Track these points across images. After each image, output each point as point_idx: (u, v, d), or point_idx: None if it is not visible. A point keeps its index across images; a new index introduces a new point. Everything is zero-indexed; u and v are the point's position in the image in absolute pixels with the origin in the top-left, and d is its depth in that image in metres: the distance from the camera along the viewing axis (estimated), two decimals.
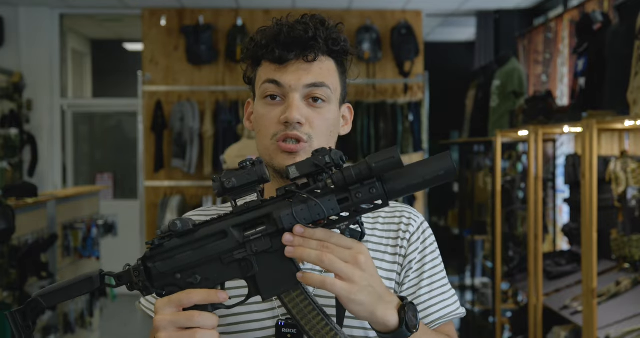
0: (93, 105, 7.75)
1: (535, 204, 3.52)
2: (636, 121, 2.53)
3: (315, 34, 1.11)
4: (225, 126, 6.14)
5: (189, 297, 0.93)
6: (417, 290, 1.17)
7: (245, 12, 6.44)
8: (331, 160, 0.93)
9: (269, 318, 1.11)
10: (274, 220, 0.94)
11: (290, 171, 0.94)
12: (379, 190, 0.92)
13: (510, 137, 4.23)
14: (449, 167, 0.92)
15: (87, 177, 7.63)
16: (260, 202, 0.97)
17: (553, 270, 3.63)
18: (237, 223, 0.97)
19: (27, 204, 3.75)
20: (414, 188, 0.93)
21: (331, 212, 0.93)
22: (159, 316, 0.93)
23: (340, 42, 1.13)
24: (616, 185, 3.15)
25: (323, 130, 1.13)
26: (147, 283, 0.98)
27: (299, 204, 0.94)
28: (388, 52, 6.47)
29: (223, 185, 0.95)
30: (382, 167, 0.91)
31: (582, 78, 3.30)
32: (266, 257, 0.96)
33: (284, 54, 1.10)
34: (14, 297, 3.57)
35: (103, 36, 8.24)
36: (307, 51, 1.11)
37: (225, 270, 0.97)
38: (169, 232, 0.97)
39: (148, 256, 0.98)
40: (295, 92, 1.11)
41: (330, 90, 1.13)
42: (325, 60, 1.13)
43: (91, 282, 0.99)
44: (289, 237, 0.93)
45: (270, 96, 1.13)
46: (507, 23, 6.40)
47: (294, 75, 1.11)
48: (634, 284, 2.96)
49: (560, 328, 3.31)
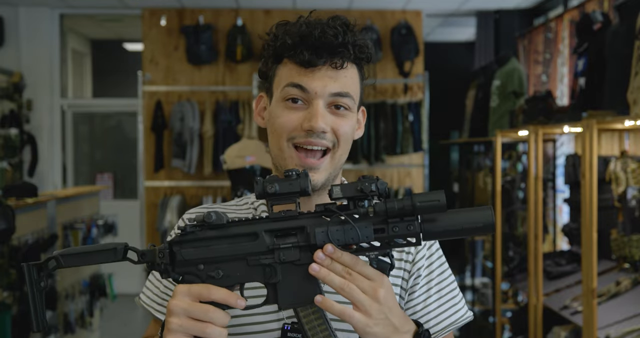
0: (93, 105, 7.75)
1: (535, 204, 3.52)
2: (636, 121, 2.53)
3: (345, 40, 1.07)
4: (225, 126, 6.14)
5: (210, 292, 0.93)
6: (427, 298, 1.17)
7: (245, 12, 6.44)
8: (376, 189, 0.93)
9: (273, 321, 1.11)
10: (307, 234, 0.95)
11: (333, 190, 0.94)
12: (415, 229, 0.93)
13: (510, 137, 4.23)
14: (488, 221, 0.92)
15: (87, 177, 7.63)
16: (297, 213, 0.97)
17: (553, 270, 3.63)
18: (270, 229, 0.97)
19: (27, 204, 3.75)
20: (449, 234, 0.93)
21: (365, 239, 0.93)
22: (175, 301, 0.93)
23: (367, 50, 1.11)
24: (616, 185, 3.15)
25: (347, 139, 1.12)
26: (169, 267, 0.98)
27: (335, 224, 0.94)
28: (388, 52, 6.47)
29: (265, 189, 0.96)
30: (425, 208, 0.91)
31: (582, 78, 3.30)
32: (291, 268, 0.96)
33: (313, 58, 1.06)
34: (14, 297, 3.57)
35: (103, 36, 8.24)
36: (336, 57, 1.08)
37: (249, 272, 0.97)
38: (202, 222, 0.97)
39: (176, 241, 0.98)
40: (320, 99, 1.08)
41: (354, 99, 1.11)
42: (350, 68, 1.11)
43: (114, 253, 0.99)
44: (321, 255, 0.93)
45: (292, 99, 1.10)
46: (507, 23, 6.40)
47: (320, 82, 1.08)
48: (634, 284, 2.96)
49: (560, 328, 3.31)
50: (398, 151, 6.23)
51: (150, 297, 1.20)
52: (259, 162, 3.81)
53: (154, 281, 1.21)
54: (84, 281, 4.73)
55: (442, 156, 7.55)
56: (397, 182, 6.52)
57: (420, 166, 6.52)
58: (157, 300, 1.19)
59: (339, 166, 1.14)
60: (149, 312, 1.20)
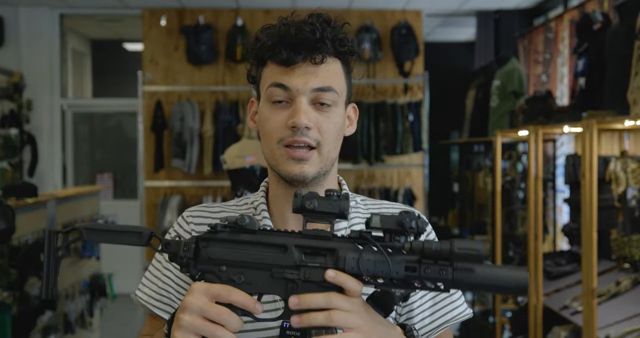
0: (93, 105, 7.75)
1: (535, 204, 3.52)
2: (636, 121, 2.53)
3: (323, 35, 1.08)
4: (225, 126, 6.14)
5: (229, 293, 0.92)
6: (423, 296, 1.17)
7: (245, 12, 6.44)
8: (416, 227, 0.92)
9: (272, 319, 1.11)
10: (337, 258, 0.93)
11: (372, 220, 0.93)
12: (447, 275, 0.90)
13: (510, 137, 4.23)
14: (521, 283, 0.89)
15: (87, 177, 7.63)
16: (331, 235, 0.96)
17: (553, 270, 3.63)
18: (301, 245, 0.96)
19: (27, 204, 3.75)
20: (479, 287, 0.91)
21: (395, 274, 0.91)
22: (191, 298, 0.92)
23: (348, 43, 1.11)
24: (616, 185, 3.15)
25: (332, 135, 1.12)
26: (191, 262, 0.96)
27: (368, 253, 0.93)
28: (388, 52, 6.47)
29: (303, 204, 0.95)
30: (462, 256, 0.89)
31: (582, 78, 3.30)
32: (313, 288, 0.94)
33: (291, 55, 1.07)
34: (14, 297, 3.57)
35: (103, 36, 8.24)
36: (315, 53, 1.08)
37: (271, 284, 0.96)
38: (235, 224, 0.96)
39: (204, 237, 0.97)
40: (303, 95, 1.09)
41: (337, 93, 1.11)
42: (332, 62, 1.11)
43: (139, 237, 0.98)
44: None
45: (277, 100, 1.10)
46: (507, 23, 6.40)
47: (301, 79, 1.08)
48: (634, 284, 2.96)
49: (560, 328, 3.31)
50: (398, 151, 6.23)
51: (147, 293, 1.19)
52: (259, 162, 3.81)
53: (151, 278, 1.21)
54: (84, 281, 4.73)
55: (442, 156, 7.55)
56: (397, 182, 6.52)
57: (420, 166, 6.52)
58: (155, 296, 1.18)
59: (329, 162, 1.13)
60: (146, 308, 1.19)
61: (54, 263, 0.98)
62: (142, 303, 1.19)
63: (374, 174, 6.49)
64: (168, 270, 1.19)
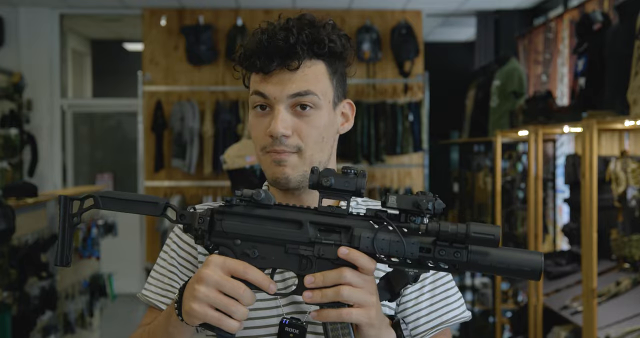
0: (93, 105, 7.75)
1: (535, 204, 3.52)
2: (636, 121, 2.53)
3: (298, 40, 1.08)
4: (225, 126, 6.14)
5: (245, 271, 0.94)
6: (419, 296, 1.17)
7: (245, 12, 6.44)
8: (432, 209, 0.92)
9: (273, 316, 1.12)
10: (352, 236, 0.94)
11: (389, 199, 0.93)
12: (462, 258, 0.90)
13: (510, 137, 4.23)
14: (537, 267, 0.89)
15: (87, 177, 7.62)
16: (346, 213, 0.96)
17: (553, 270, 3.63)
18: (316, 221, 0.96)
19: (27, 204, 3.75)
20: (493, 270, 0.91)
21: (409, 255, 0.92)
22: (208, 271, 0.93)
23: (327, 44, 1.10)
24: (616, 185, 3.15)
25: (314, 138, 1.11)
26: (205, 234, 0.97)
27: (383, 233, 0.93)
28: (388, 52, 6.47)
29: (319, 181, 0.95)
30: (478, 239, 0.89)
31: (582, 78, 3.30)
32: (326, 265, 0.95)
33: (265, 64, 1.08)
34: (14, 297, 3.57)
35: (103, 36, 8.23)
36: (289, 60, 1.08)
37: (285, 259, 0.96)
38: (250, 198, 0.96)
39: (219, 210, 0.98)
40: (280, 103, 1.09)
41: (318, 96, 1.10)
42: (311, 65, 1.10)
43: (155, 207, 0.99)
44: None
45: (260, 106, 1.12)
46: (507, 23, 6.40)
47: (277, 87, 1.09)
48: (634, 284, 2.96)
49: (560, 328, 3.31)
50: (398, 151, 6.23)
51: (153, 291, 1.20)
52: None
53: (156, 276, 1.22)
54: (84, 281, 4.73)
55: (442, 156, 7.55)
56: (397, 182, 6.52)
57: (420, 166, 6.52)
58: (161, 292, 1.20)
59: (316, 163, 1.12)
60: (152, 305, 1.20)
61: (68, 230, 0.99)
62: (148, 301, 1.20)
63: (374, 174, 6.49)
64: (173, 266, 1.20)
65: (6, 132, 5.97)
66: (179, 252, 1.20)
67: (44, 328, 3.92)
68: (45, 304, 3.84)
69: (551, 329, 3.39)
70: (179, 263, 1.20)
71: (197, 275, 0.94)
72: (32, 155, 6.27)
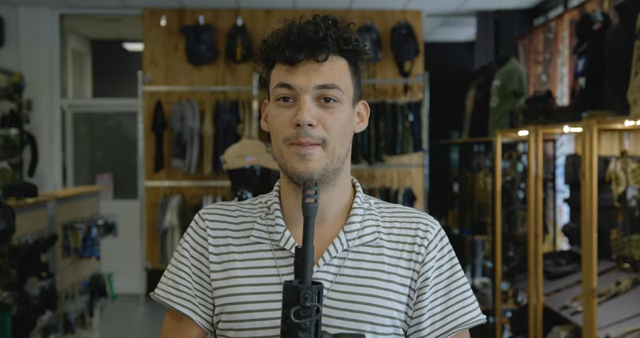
0: (93, 105, 7.75)
1: (535, 204, 3.52)
2: (636, 121, 2.53)
3: (326, 34, 1.10)
4: (225, 126, 6.14)
5: None
6: (434, 300, 1.16)
7: (245, 12, 6.44)
8: None
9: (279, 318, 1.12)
10: None
11: None
12: None
13: (510, 137, 4.23)
14: None
15: (87, 177, 7.62)
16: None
17: (553, 270, 3.63)
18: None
19: (27, 204, 3.75)
20: None
21: None
22: None
23: (352, 42, 1.13)
24: (616, 185, 3.15)
25: (337, 131, 1.12)
26: None
27: None
28: (388, 52, 6.47)
29: None
30: None
31: (582, 78, 3.30)
32: None
33: (294, 54, 1.10)
34: (14, 297, 3.57)
35: (103, 36, 8.23)
36: (318, 51, 1.10)
37: None
38: None
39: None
40: (306, 93, 1.10)
41: (342, 91, 1.12)
42: (336, 60, 1.13)
43: None
44: None
45: (283, 98, 1.12)
46: (507, 23, 6.40)
47: (304, 77, 1.10)
48: (634, 284, 2.96)
49: (560, 328, 3.31)
50: (398, 151, 6.23)
51: (165, 290, 1.20)
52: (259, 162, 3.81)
53: (168, 275, 1.22)
54: (84, 281, 4.73)
55: (442, 156, 7.55)
56: (397, 182, 6.52)
57: (420, 166, 6.52)
58: (174, 291, 1.20)
59: (336, 159, 1.13)
60: (165, 304, 1.20)
61: None
62: (160, 300, 1.20)
63: (374, 174, 6.49)
64: (184, 265, 1.20)
65: (6, 132, 5.97)
66: (191, 252, 1.20)
67: (44, 328, 3.92)
68: (45, 304, 3.83)
69: (551, 329, 3.39)
70: (191, 264, 1.20)
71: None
72: (32, 155, 6.27)
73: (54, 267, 4.12)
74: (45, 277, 3.82)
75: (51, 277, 3.93)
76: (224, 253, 1.18)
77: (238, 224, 1.20)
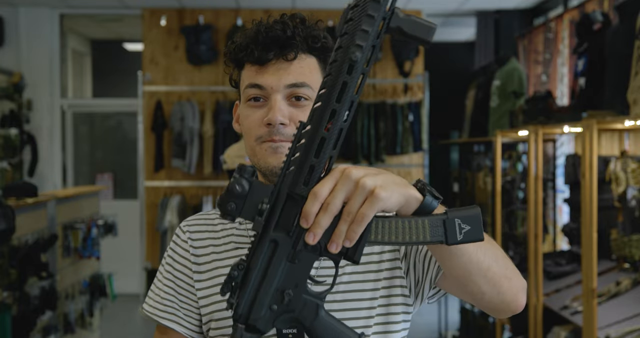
0: (93, 105, 7.75)
1: (535, 204, 3.52)
2: (636, 121, 2.53)
3: (294, 33, 1.10)
4: (225, 126, 6.14)
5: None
6: (416, 251, 1.15)
7: (245, 12, 6.44)
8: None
9: None
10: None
11: None
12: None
13: (510, 137, 4.23)
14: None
15: (87, 177, 7.62)
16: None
17: (553, 270, 3.63)
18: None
19: (27, 204, 3.75)
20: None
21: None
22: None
23: (321, 39, 1.13)
24: (616, 185, 3.15)
25: None
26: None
27: None
28: (388, 52, 6.47)
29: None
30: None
31: (582, 78, 3.30)
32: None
33: (263, 54, 1.10)
34: (14, 297, 3.57)
35: (103, 36, 8.23)
36: (286, 50, 1.10)
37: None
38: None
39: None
40: (277, 93, 1.10)
41: (312, 89, 1.12)
42: (306, 58, 1.12)
43: None
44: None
45: (254, 98, 1.12)
46: (507, 23, 6.40)
47: (274, 76, 1.10)
48: (634, 284, 2.96)
49: (560, 328, 3.31)
50: (398, 151, 6.23)
51: (152, 305, 1.21)
52: None
53: (154, 289, 1.23)
54: (84, 281, 4.73)
55: (442, 156, 7.54)
56: None
57: (420, 166, 6.52)
58: (160, 306, 1.20)
59: None
60: (153, 320, 1.21)
61: None
62: (148, 316, 1.21)
63: None
64: (169, 281, 1.21)
65: (6, 132, 5.97)
66: (175, 265, 1.21)
67: (44, 328, 3.92)
68: (45, 304, 3.83)
69: (551, 329, 3.38)
70: (174, 277, 1.20)
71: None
72: (32, 155, 6.27)
73: (54, 267, 4.12)
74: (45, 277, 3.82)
75: (51, 277, 3.93)
76: (207, 262, 1.19)
77: (218, 232, 1.21)
